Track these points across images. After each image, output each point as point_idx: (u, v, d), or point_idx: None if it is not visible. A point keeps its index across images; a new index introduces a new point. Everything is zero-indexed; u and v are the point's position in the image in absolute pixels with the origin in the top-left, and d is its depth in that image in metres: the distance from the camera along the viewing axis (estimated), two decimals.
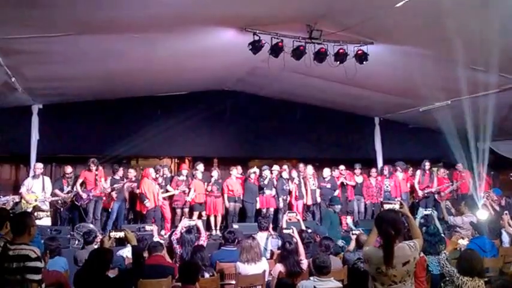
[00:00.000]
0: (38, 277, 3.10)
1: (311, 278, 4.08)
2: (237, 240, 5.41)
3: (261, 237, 6.03)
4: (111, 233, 3.98)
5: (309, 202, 9.19)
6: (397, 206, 3.36)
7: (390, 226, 2.90)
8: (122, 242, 5.50)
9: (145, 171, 8.44)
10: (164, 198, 8.45)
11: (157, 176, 8.43)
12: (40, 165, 7.84)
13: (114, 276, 3.73)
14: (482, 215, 6.14)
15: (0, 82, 6.48)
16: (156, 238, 6.22)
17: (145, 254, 4.78)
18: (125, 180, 8.33)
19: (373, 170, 9.71)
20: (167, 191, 8.54)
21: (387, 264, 2.86)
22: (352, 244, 5.50)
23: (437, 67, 6.36)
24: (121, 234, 3.98)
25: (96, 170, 8.11)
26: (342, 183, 9.50)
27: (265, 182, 8.80)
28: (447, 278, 4.16)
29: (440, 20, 4.89)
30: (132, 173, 8.51)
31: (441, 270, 4.31)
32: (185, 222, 6.01)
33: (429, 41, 5.66)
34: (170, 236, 6.22)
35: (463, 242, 4.92)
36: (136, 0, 4.62)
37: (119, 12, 4.77)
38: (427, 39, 5.62)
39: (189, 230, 5.62)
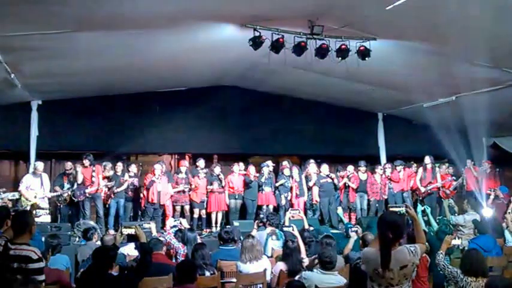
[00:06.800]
0: (42, 277, 3.15)
1: (314, 270, 4.02)
2: (234, 240, 5.34)
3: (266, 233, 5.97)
4: (123, 229, 4.03)
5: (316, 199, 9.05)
6: (403, 210, 3.29)
7: (389, 229, 2.84)
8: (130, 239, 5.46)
9: (152, 168, 8.36)
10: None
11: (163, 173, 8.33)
12: (41, 164, 7.77)
13: (118, 274, 3.70)
14: (487, 212, 6.06)
15: (0, 79, 6.43)
16: (154, 235, 6.19)
17: None
18: (125, 176, 8.25)
19: (379, 167, 9.47)
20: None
21: (383, 267, 2.83)
22: (351, 242, 5.39)
23: (441, 63, 6.28)
24: (132, 231, 4.05)
25: (92, 166, 7.97)
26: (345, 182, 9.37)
27: (262, 179, 8.69)
28: (449, 278, 4.09)
29: (445, 15, 4.81)
30: (133, 168, 8.46)
31: (442, 272, 4.21)
32: (171, 222, 6.01)
33: (433, 36, 5.58)
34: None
35: (458, 242, 4.80)
36: None
37: (118, 9, 4.73)
38: (431, 35, 5.54)
39: (191, 228, 5.60)
